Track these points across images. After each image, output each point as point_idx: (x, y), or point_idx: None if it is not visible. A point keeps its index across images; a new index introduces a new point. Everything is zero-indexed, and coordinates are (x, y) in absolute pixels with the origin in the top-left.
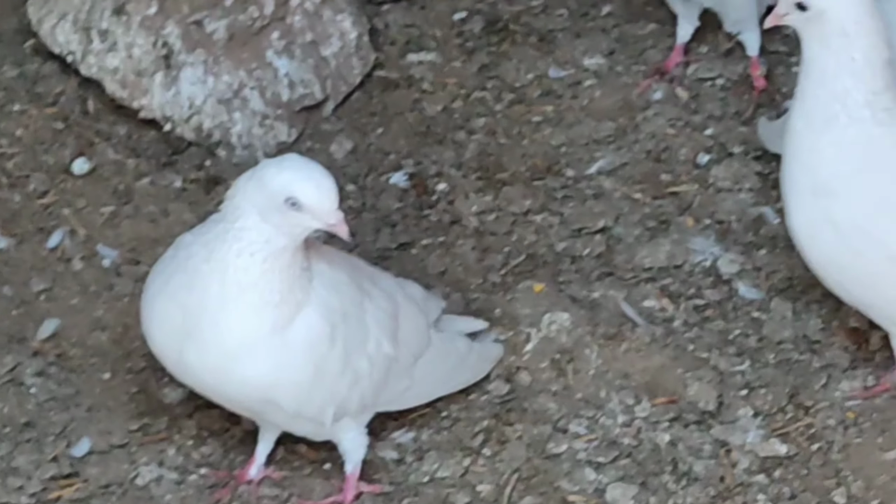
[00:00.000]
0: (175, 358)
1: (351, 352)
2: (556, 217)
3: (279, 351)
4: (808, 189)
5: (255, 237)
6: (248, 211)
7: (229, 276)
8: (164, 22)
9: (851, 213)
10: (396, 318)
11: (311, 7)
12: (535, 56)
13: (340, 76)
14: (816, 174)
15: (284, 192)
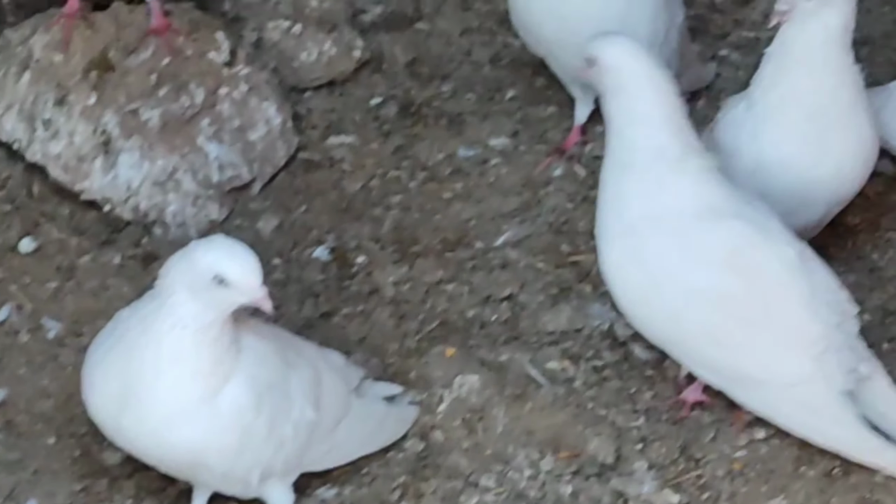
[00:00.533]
0: (113, 424)
1: (276, 419)
2: (466, 286)
3: (208, 418)
4: (617, 231)
5: (185, 312)
6: (178, 288)
7: (163, 349)
8: (103, 111)
9: (652, 252)
10: (319, 385)
11: (238, 96)
12: (445, 137)
13: (266, 158)
14: (622, 216)
15: (212, 270)
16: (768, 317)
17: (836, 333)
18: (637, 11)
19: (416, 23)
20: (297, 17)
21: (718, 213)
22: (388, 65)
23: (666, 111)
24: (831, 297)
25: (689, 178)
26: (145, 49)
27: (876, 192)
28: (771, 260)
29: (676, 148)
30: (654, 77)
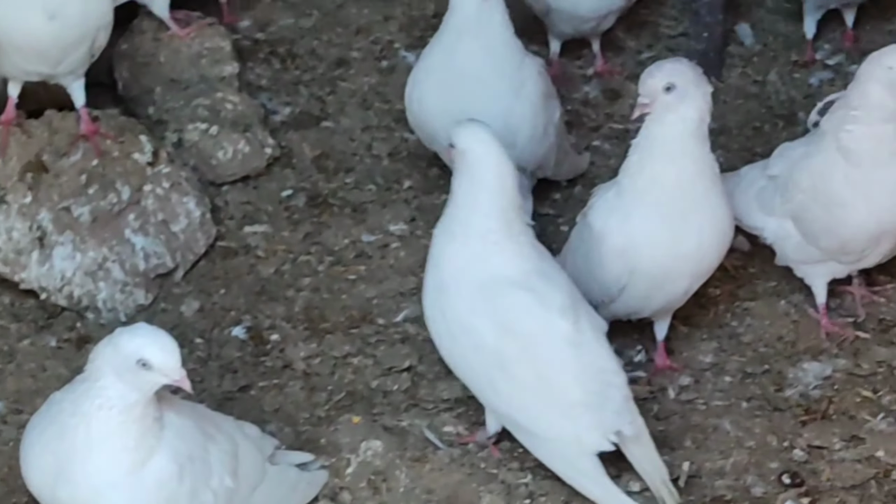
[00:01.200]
0: (49, 495)
1: (197, 488)
2: (370, 359)
3: (135, 489)
4: (432, 285)
5: (112, 394)
6: (106, 372)
7: (92, 428)
8: (38, 209)
9: (453, 309)
10: (236, 456)
11: (161, 192)
12: (350, 224)
13: (188, 247)
14: (438, 274)
15: (136, 355)
16: (537, 379)
17: (597, 400)
18: (519, 111)
19: (322, 122)
20: (214, 120)
21: (511, 284)
22: (297, 160)
23: (500, 201)
24: (598, 368)
25: (500, 254)
26: (76, 152)
27: (734, 266)
28: (544, 330)
29: (500, 234)
30: (497, 166)
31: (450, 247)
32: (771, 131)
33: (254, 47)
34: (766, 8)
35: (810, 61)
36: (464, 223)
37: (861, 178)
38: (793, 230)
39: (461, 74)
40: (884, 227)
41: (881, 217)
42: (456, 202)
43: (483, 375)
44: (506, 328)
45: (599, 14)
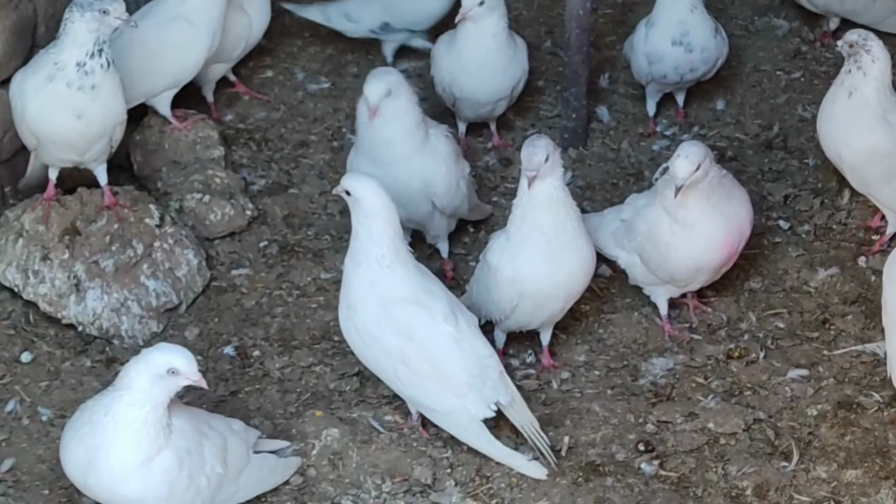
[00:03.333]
0: (81, 481)
1: (194, 474)
2: (329, 367)
3: (147, 475)
4: (345, 305)
5: (144, 396)
6: (139, 380)
7: (120, 425)
8: (74, 263)
9: (362, 322)
10: (225, 448)
11: (167, 247)
12: (311, 266)
13: (189, 287)
14: (347, 296)
15: (167, 365)
16: (432, 369)
17: (478, 380)
18: (433, 173)
19: (289, 189)
20: (207, 191)
21: (405, 301)
22: (271, 219)
23: (388, 232)
24: (476, 355)
25: (392, 277)
26: (101, 219)
27: (599, 287)
28: (433, 333)
29: (390, 258)
30: (383, 206)
31: (356, 272)
32: (624, 186)
33: (236, 135)
34: (618, 94)
35: (652, 133)
36: (364, 252)
37: (681, 229)
38: (639, 261)
39: (385, 148)
40: (699, 265)
41: (698, 259)
42: (357, 236)
43: (391, 370)
44: (404, 334)
45: (492, 100)
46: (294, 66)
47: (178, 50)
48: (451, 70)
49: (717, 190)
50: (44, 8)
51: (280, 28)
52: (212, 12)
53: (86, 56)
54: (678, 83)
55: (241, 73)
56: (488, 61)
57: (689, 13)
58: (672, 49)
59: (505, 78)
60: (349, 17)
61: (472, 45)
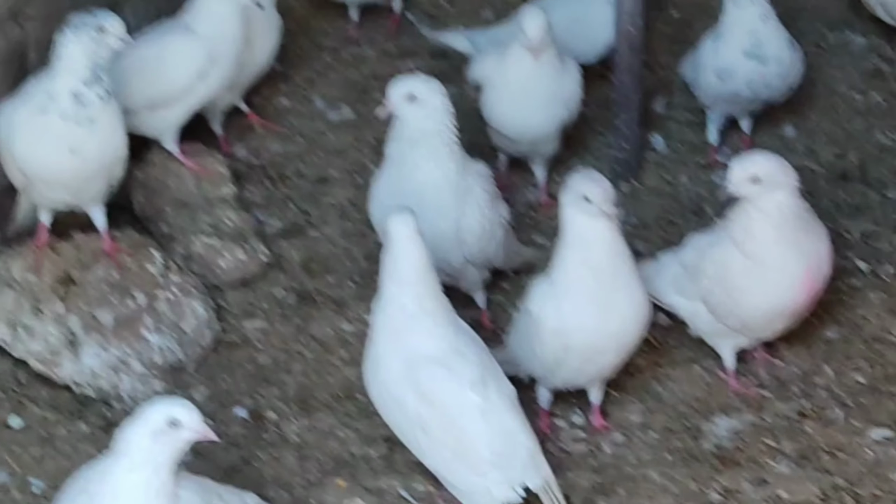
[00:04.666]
0: None
1: None
2: (353, 431)
3: None
4: (369, 354)
5: (143, 457)
6: (137, 440)
7: (120, 494)
8: (69, 316)
9: (383, 378)
10: None
11: (172, 297)
12: (332, 316)
13: (197, 342)
14: (372, 345)
15: (167, 417)
16: (452, 441)
17: (504, 459)
18: (468, 213)
19: (308, 231)
20: (216, 233)
21: (430, 360)
22: (287, 264)
23: (410, 278)
24: (505, 431)
25: (418, 330)
26: (99, 266)
27: (655, 338)
28: (456, 401)
29: (413, 308)
30: (407, 247)
31: (380, 319)
32: (683, 224)
33: (248, 171)
34: (675, 120)
35: (714, 163)
36: (386, 297)
37: (756, 268)
38: (703, 309)
39: (413, 184)
40: (778, 310)
41: (776, 302)
42: (382, 277)
43: (410, 435)
44: (425, 398)
45: (534, 137)
46: (312, 94)
47: (173, 56)
48: (488, 95)
49: (791, 221)
50: (35, 32)
51: (296, 51)
52: (217, 24)
53: (81, 84)
54: (751, 102)
55: (253, 102)
56: (530, 88)
57: (760, 22)
58: (745, 62)
59: (551, 110)
60: None
61: (510, 68)
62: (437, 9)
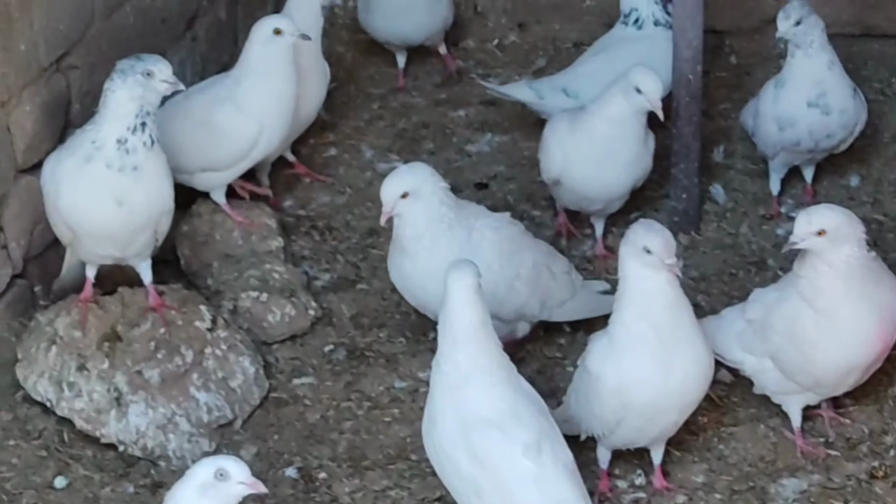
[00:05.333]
0: None
1: None
2: (406, 491)
3: None
4: (428, 417)
5: None
6: (186, 497)
7: None
8: (114, 373)
9: (438, 440)
10: None
11: (220, 353)
12: (384, 373)
13: (245, 400)
14: (431, 406)
15: (215, 467)
16: None
17: None
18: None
19: (357, 284)
20: (264, 288)
21: (484, 422)
22: (337, 319)
23: (461, 336)
24: (558, 499)
25: (474, 389)
26: (145, 322)
27: (718, 396)
28: (509, 466)
29: (467, 365)
30: (458, 303)
31: (435, 375)
32: (745, 277)
33: (296, 223)
34: (735, 169)
35: (776, 214)
36: (442, 353)
37: (828, 323)
38: (771, 366)
39: (422, 264)
40: (852, 365)
41: (850, 356)
42: (438, 333)
43: (464, 497)
44: (478, 461)
45: (607, 199)
46: (361, 143)
47: (220, 135)
48: (566, 155)
49: (859, 273)
50: (78, 83)
51: (344, 99)
52: (266, 103)
53: (127, 131)
54: (812, 151)
55: (300, 153)
56: (614, 152)
57: (827, 70)
58: (807, 111)
59: (628, 175)
60: (569, 92)
61: (600, 129)
62: (488, 56)
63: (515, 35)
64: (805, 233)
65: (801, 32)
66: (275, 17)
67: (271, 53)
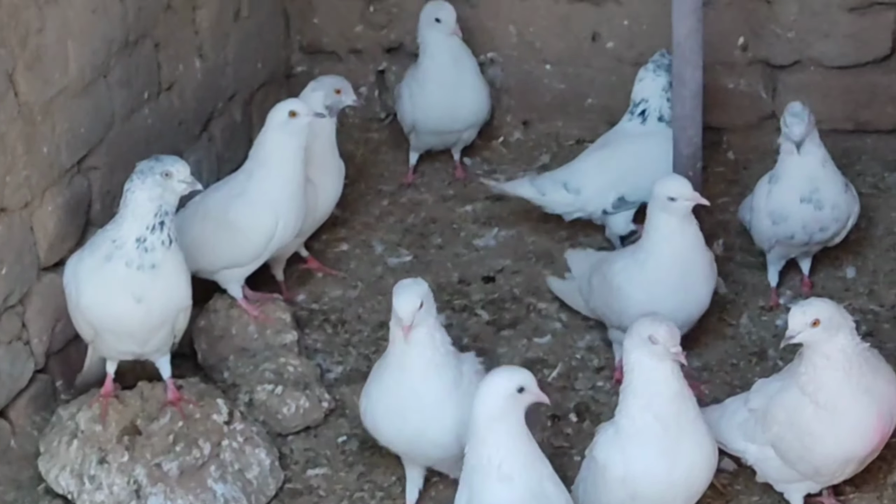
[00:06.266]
0: None
1: None
2: None
3: None
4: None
5: None
6: None
7: None
8: (134, 466)
9: None
10: None
11: (236, 445)
12: (396, 464)
13: (261, 491)
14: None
15: None
16: None
17: None
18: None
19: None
20: (279, 381)
21: None
22: (350, 410)
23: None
24: None
25: (483, 483)
26: (164, 416)
27: (722, 484)
28: None
29: (473, 461)
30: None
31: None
32: (746, 367)
33: (310, 316)
34: (735, 262)
35: (775, 305)
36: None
37: (828, 415)
38: (773, 455)
39: (408, 389)
40: (850, 456)
41: (848, 447)
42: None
43: None
44: None
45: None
46: (372, 238)
47: (238, 232)
48: (651, 298)
49: (858, 365)
50: (99, 183)
51: (355, 196)
52: (279, 194)
53: (146, 230)
54: (806, 245)
55: (313, 248)
56: (688, 266)
57: (821, 167)
58: (800, 206)
59: (710, 281)
60: (569, 187)
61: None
62: (494, 153)
63: (520, 132)
64: (801, 325)
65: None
66: (290, 101)
67: (286, 138)
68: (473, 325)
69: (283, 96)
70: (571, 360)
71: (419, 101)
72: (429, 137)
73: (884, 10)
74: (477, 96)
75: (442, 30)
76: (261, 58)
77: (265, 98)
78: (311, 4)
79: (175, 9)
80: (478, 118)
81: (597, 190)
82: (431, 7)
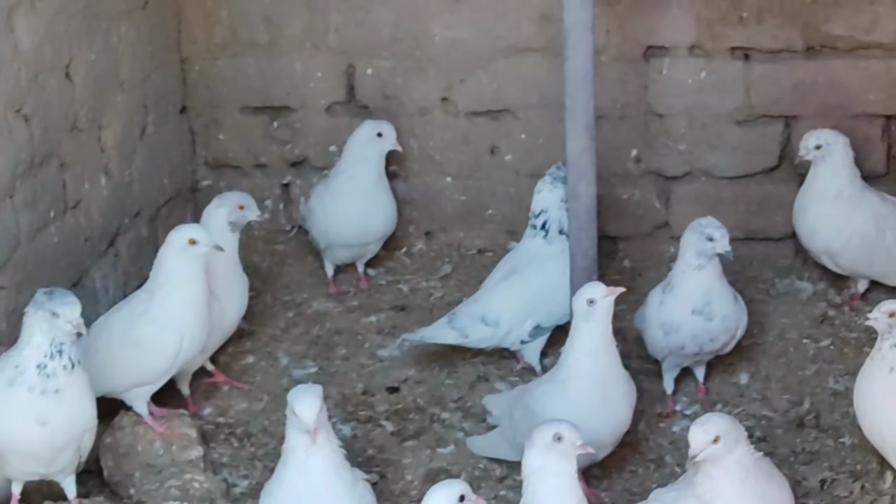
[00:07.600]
0: None
1: None
2: None
3: None
4: None
5: None
6: None
7: None
8: None
9: None
10: None
11: None
12: None
13: None
14: None
15: None
16: None
17: None
18: None
19: None
20: (184, 498)
21: None
22: None
23: None
24: None
25: None
26: None
27: None
28: None
29: None
30: None
31: None
32: (644, 474)
33: (216, 430)
34: (631, 369)
35: (672, 412)
36: None
37: None
38: None
39: (311, 493)
40: None
41: None
42: None
43: None
44: None
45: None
46: (277, 350)
47: (144, 350)
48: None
49: (752, 473)
50: (5, 302)
51: (262, 308)
52: (182, 312)
53: (45, 357)
54: (697, 355)
55: (219, 361)
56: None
57: (717, 280)
58: (691, 318)
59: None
60: (487, 321)
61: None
62: (397, 263)
63: (423, 243)
64: (703, 443)
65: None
66: (190, 227)
67: (185, 262)
68: (378, 436)
69: (188, 211)
70: (475, 470)
71: (332, 213)
72: (340, 251)
73: (771, 122)
74: (388, 209)
75: (381, 144)
76: (167, 173)
77: (171, 213)
78: (217, 121)
79: (80, 128)
80: (388, 230)
81: (514, 320)
82: (372, 124)
